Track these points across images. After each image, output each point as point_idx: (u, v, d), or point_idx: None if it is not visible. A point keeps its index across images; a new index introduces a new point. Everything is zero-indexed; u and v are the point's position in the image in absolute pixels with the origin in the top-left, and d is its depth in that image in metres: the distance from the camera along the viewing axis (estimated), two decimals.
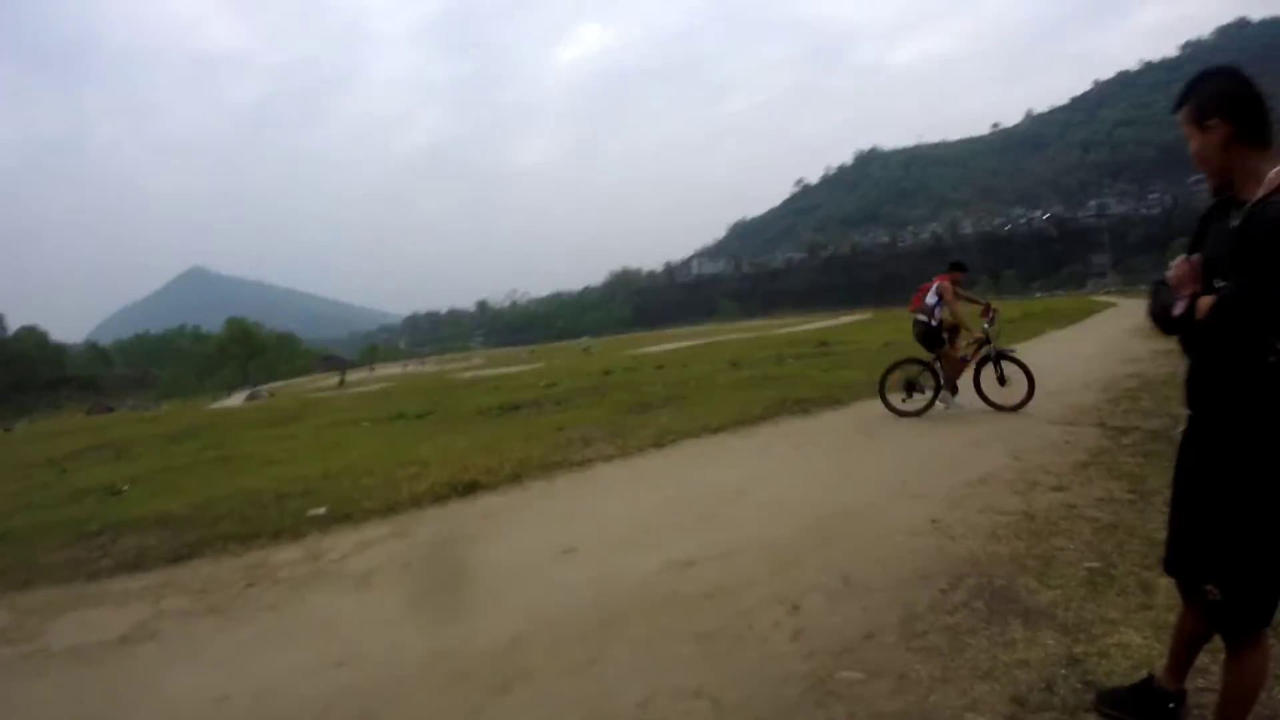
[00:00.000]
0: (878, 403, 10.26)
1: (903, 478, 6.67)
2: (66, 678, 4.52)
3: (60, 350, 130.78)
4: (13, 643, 5.21)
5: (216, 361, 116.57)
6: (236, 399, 53.59)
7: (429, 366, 74.36)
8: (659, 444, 9.17)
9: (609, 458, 8.71)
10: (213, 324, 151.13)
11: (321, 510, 7.09)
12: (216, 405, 47.90)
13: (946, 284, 9.95)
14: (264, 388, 66.72)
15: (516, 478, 8.00)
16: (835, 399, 11.43)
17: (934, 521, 5.37)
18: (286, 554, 6.16)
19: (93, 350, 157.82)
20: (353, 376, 62.75)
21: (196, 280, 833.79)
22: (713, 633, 3.89)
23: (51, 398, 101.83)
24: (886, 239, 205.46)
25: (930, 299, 9.95)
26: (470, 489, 7.64)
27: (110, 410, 55.61)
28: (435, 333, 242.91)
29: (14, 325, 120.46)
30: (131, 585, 6.03)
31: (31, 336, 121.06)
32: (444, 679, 3.68)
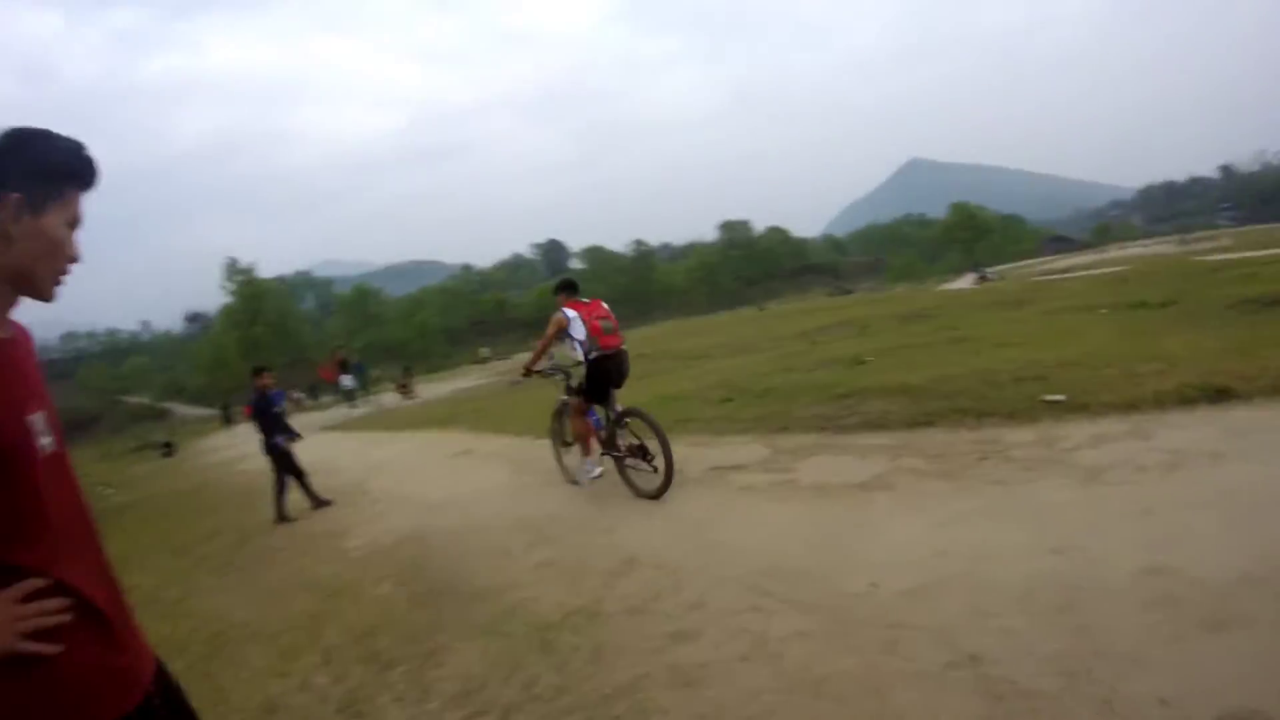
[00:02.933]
0: None
1: None
2: (810, 506, 5.53)
3: (801, 244, 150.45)
4: (770, 472, 6.61)
5: (941, 246, 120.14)
6: (964, 281, 54.53)
7: (1169, 248, 64.86)
8: None
9: None
10: (933, 210, 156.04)
11: (1060, 397, 6.92)
12: (944, 287, 49.87)
13: None
14: (991, 270, 66.55)
15: (1276, 390, 6.71)
16: None
17: None
18: (1019, 435, 6.21)
19: (829, 242, 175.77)
20: (1082, 259, 58.84)
21: (915, 170, 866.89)
22: None
23: (796, 283, 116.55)
24: None
25: None
26: (1221, 395, 6.58)
27: (849, 292, 61.12)
28: (1172, 207, 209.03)
29: (760, 227, 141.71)
30: (873, 442, 6.84)
31: (776, 234, 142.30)
32: (1153, 597, 3.35)
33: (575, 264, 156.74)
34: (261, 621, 5.67)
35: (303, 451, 9.76)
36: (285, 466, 9.83)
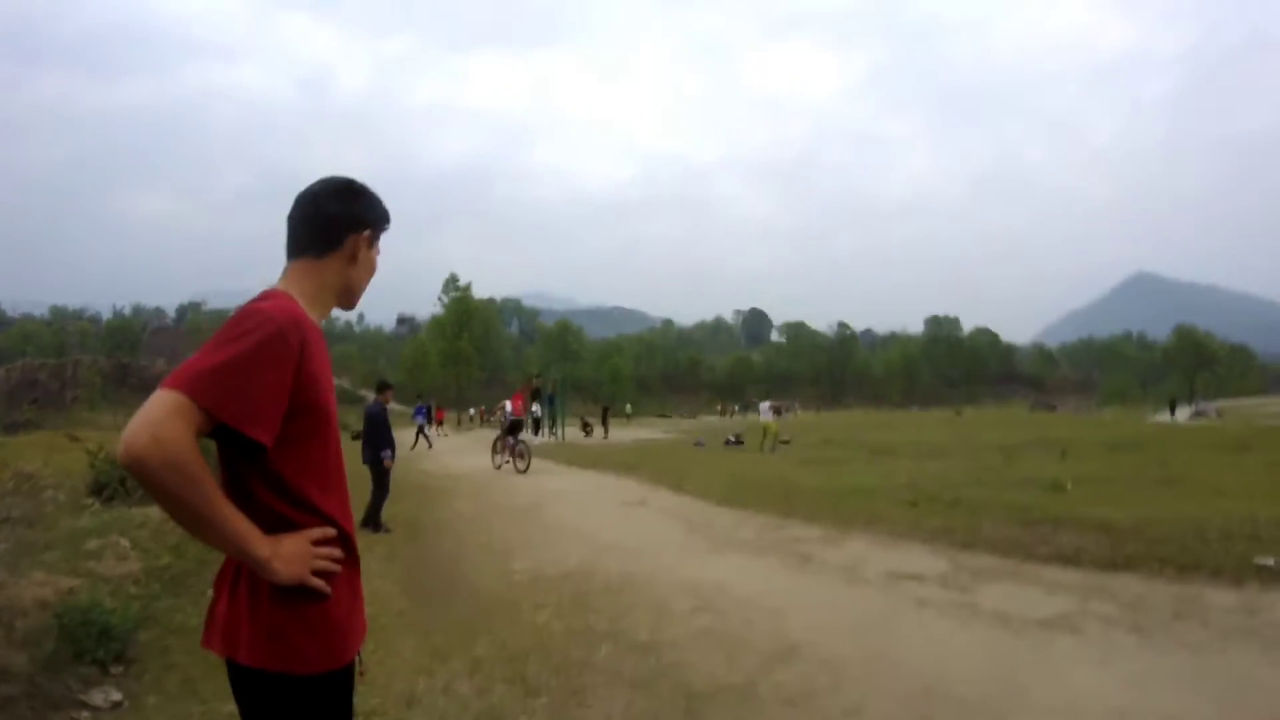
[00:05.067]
0: None
1: None
2: (987, 633, 5.23)
3: (1009, 350, 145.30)
4: (949, 588, 6.34)
5: (1160, 370, 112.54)
6: (1180, 414, 50.67)
7: None
8: None
9: None
10: (1157, 331, 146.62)
11: (1271, 560, 6.41)
12: (1157, 419, 46.35)
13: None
14: (1211, 405, 61.48)
15: None
16: None
17: None
18: (1221, 597, 5.73)
19: (1039, 351, 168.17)
20: None
21: (1141, 285, 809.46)
22: None
23: (997, 390, 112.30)
24: None
25: None
26: None
27: (1053, 409, 58.10)
28: None
29: (968, 326, 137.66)
30: (1062, 578, 6.45)
31: (984, 336, 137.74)
32: None
33: (775, 336, 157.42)
34: (417, 616, 5.96)
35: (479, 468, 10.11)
36: (382, 480, 10.11)
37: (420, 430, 29.41)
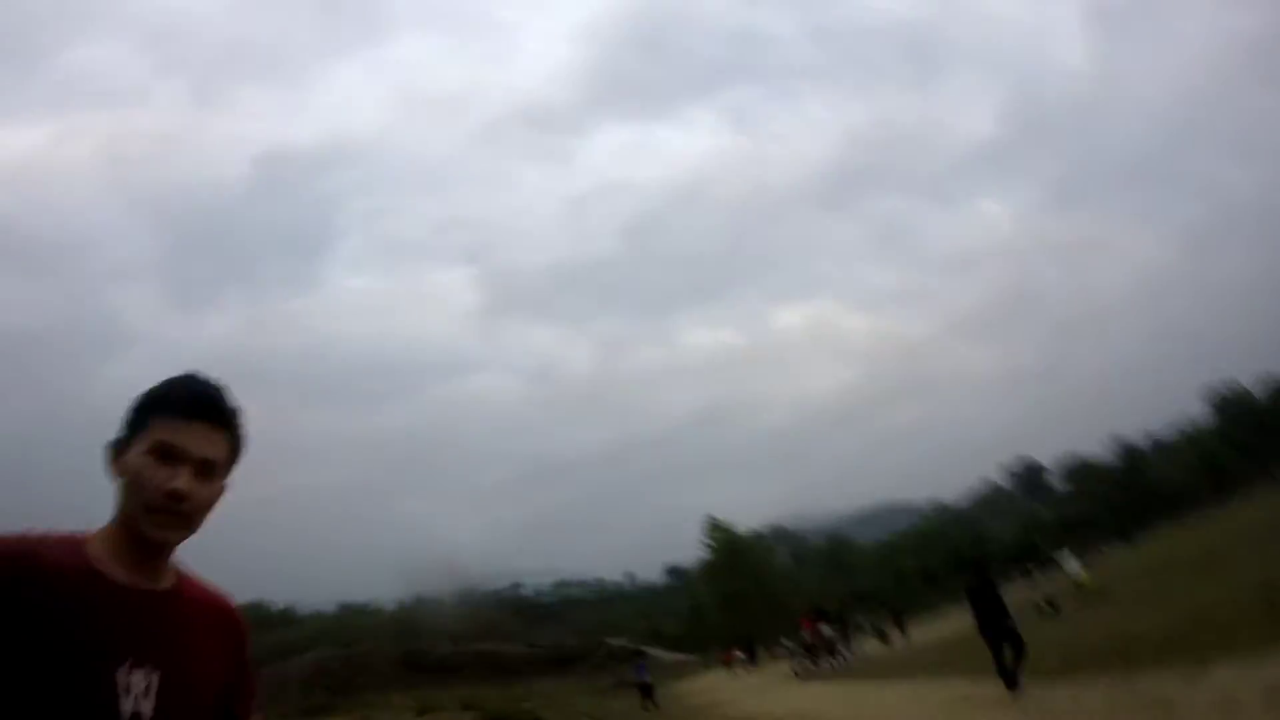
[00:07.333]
0: None
1: None
2: None
3: None
4: None
5: None
6: None
7: None
8: None
9: None
10: None
11: None
12: None
13: None
14: None
15: None
16: None
17: None
18: None
19: None
20: None
21: None
22: None
23: None
24: None
25: None
26: None
27: None
28: None
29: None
30: None
31: None
32: None
33: (1053, 481, 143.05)
34: None
35: (786, 698, 9.18)
36: (1019, 641, 10.58)
37: (646, 688, 26.44)
